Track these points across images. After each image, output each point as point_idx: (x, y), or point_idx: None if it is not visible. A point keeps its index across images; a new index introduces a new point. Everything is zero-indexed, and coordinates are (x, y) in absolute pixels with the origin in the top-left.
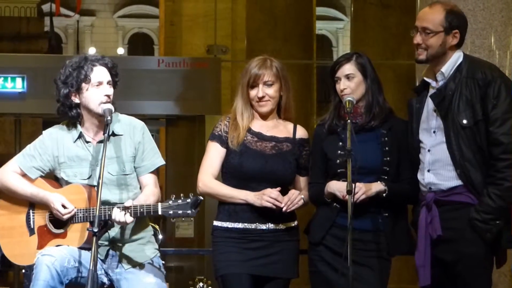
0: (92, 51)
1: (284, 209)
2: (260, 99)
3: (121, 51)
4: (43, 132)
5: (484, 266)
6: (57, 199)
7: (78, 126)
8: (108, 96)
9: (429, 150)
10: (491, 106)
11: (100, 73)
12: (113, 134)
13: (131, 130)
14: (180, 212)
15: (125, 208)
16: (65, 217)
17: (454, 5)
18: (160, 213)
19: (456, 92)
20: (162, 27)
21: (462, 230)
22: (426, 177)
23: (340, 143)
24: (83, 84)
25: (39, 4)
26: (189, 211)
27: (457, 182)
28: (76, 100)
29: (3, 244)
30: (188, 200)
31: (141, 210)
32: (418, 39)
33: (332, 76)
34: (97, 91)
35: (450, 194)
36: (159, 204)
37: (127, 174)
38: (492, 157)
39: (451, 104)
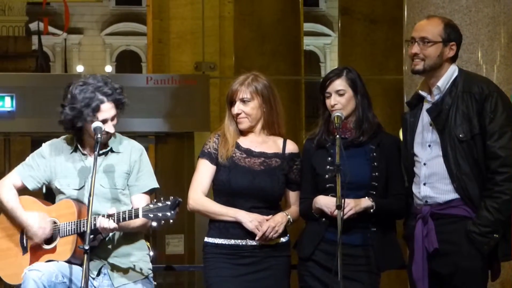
0: (80, 69)
1: (257, 239)
2: (236, 116)
3: (109, 69)
4: (43, 144)
5: (480, 279)
6: (32, 223)
7: (75, 140)
8: (107, 132)
9: (424, 164)
10: (489, 120)
11: (106, 111)
12: (111, 151)
13: (130, 149)
14: (160, 214)
15: (109, 216)
16: (40, 237)
17: (450, 19)
18: (141, 216)
19: (453, 106)
20: (150, 45)
21: (459, 243)
22: (422, 191)
23: (329, 158)
24: (88, 118)
25: (27, 23)
26: (168, 213)
27: (454, 195)
28: (79, 124)
29: None
30: (168, 203)
31: (123, 215)
32: (415, 49)
33: (322, 91)
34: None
35: (446, 207)
36: (140, 208)
37: (118, 189)
38: (490, 170)
39: (447, 118)
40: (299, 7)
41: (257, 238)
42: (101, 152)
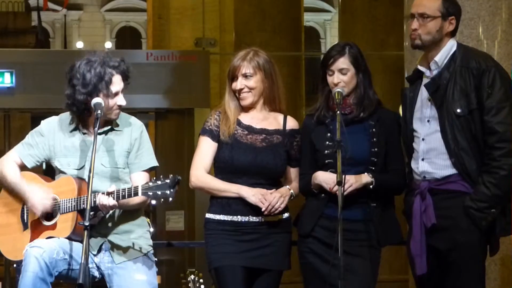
0: (79, 45)
1: (264, 213)
2: (239, 91)
3: (108, 45)
4: (42, 121)
5: (478, 254)
6: (33, 195)
7: (76, 118)
8: (120, 106)
9: (423, 139)
10: (486, 95)
11: (117, 84)
12: (112, 129)
13: (130, 127)
14: (159, 193)
15: (109, 193)
16: (40, 208)
17: None
18: (140, 194)
19: (451, 81)
20: (150, 21)
21: (457, 219)
22: (420, 166)
23: (328, 134)
24: (104, 91)
25: None
26: (167, 191)
27: (452, 170)
28: (90, 103)
29: (0, 241)
30: (167, 181)
31: (123, 193)
32: (415, 24)
33: (324, 68)
34: (111, 101)
35: (444, 182)
36: (139, 186)
37: (119, 168)
38: (488, 145)
39: (445, 93)
40: None
41: (263, 209)
42: (101, 130)
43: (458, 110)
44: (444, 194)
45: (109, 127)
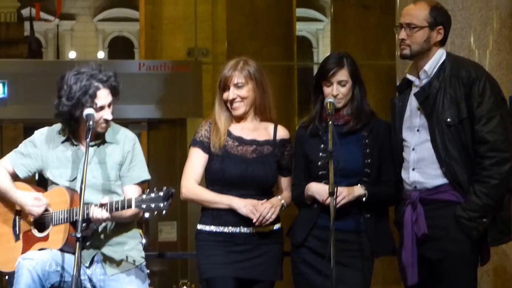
0: (72, 55)
1: (255, 224)
2: (232, 101)
3: (101, 55)
4: (35, 132)
5: (469, 264)
6: (27, 197)
7: (67, 130)
8: (106, 120)
9: (413, 149)
10: (476, 104)
11: (103, 98)
12: (105, 141)
13: (123, 139)
14: (152, 205)
15: (102, 205)
16: (37, 210)
17: (438, 2)
18: (133, 207)
19: (440, 90)
20: (143, 30)
21: (448, 228)
22: (411, 176)
23: (322, 145)
24: (87, 105)
25: (19, 9)
26: (161, 204)
27: (443, 180)
28: (76, 114)
29: None
30: (161, 193)
31: (116, 205)
32: (402, 34)
33: (321, 80)
34: (97, 114)
35: (435, 192)
36: (133, 198)
37: (111, 180)
38: (478, 155)
39: (435, 102)
40: None
41: (254, 220)
42: (93, 142)
43: (448, 119)
44: (435, 204)
45: (102, 139)
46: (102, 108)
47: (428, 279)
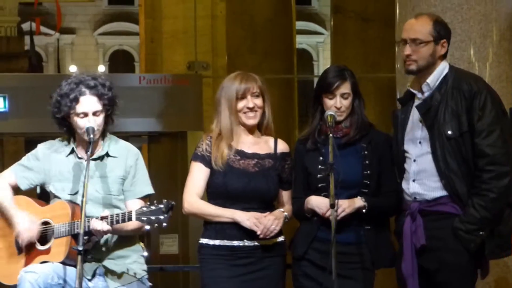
0: (72, 69)
1: (260, 236)
2: (251, 109)
3: (102, 68)
4: (38, 145)
5: (467, 275)
6: (20, 222)
7: (72, 142)
8: (89, 128)
9: (414, 160)
10: (477, 117)
11: (86, 104)
12: (107, 155)
13: (125, 154)
14: (153, 218)
15: (102, 218)
16: (27, 235)
17: (438, 16)
18: (134, 219)
19: (442, 102)
20: (143, 44)
21: (445, 240)
22: (411, 187)
23: (321, 158)
24: (70, 112)
25: (19, 23)
26: (161, 217)
27: (442, 192)
28: (58, 115)
29: None
30: (161, 206)
31: (117, 218)
32: (408, 50)
33: (324, 93)
34: (81, 121)
35: (435, 204)
36: (133, 211)
37: (113, 195)
38: (478, 168)
39: (436, 115)
40: (291, 6)
41: (258, 232)
42: (96, 156)
43: (449, 132)
44: (434, 215)
45: (105, 152)
46: (86, 114)
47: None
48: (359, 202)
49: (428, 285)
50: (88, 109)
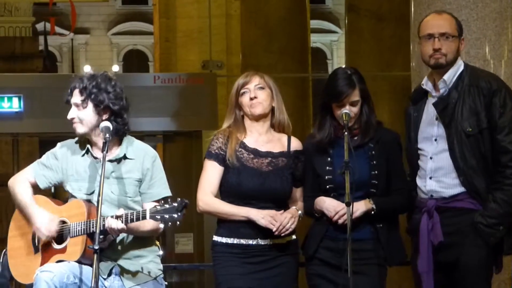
0: (87, 69)
1: (275, 234)
2: (252, 99)
3: (116, 68)
4: (58, 144)
5: (484, 271)
6: (40, 221)
7: (87, 142)
8: (71, 119)
9: (431, 158)
10: (498, 114)
11: (74, 97)
12: (125, 157)
13: (142, 156)
14: (166, 216)
15: (117, 217)
16: (44, 233)
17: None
18: (148, 217)
19: (459, 100)
20: (157, 44)
21: (464, 235)
22: (428, 184)
23: (329, 159)
24: (66, 97)
25: (34, 23)
26: (175, 215)
27: (460, 189)
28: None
29: (12, 264)
30: (175, 204)
31: (131, 216)
32: (437, 44)
33: (332, 101)
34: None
35: (452, 201)
36: (148, 209)
37: (128, 197)
38: (500, 164)
39: (454, 112)
40: (306, 4)
41: (274, 229)
42: (113, 158)
43: (469, 129)
44: (451, 212)
45: (123, 155)
46: (73, 105)
47: (444, 286)
48: (367, 205)
49: (446, 280)
50: (73, 101)
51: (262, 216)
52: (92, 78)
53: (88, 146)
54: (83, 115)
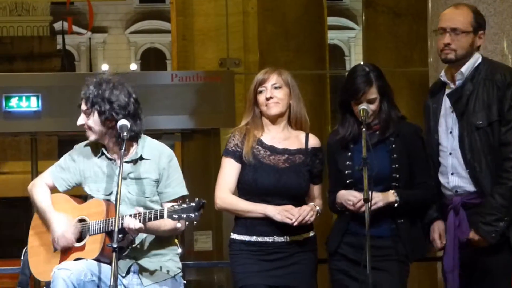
0: (104, 67)
1: (294, 224)
2: (268, 99)
3: (133, 67)
4: (75, 145)
5: (508, 270)
6: (57, 229)
7: (100, 144)
8: (81, 126)
9: (450, 153)
10: (508, 107)
11: (82, 105)
12: (141, 158)
13: (158, 155)
14: (184, 215)
15: (135, 216)
16: (59, 243)
17: (475, 7)
18: (165, 217)
19: (473, 93)
20: (174, 42)
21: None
22: (451, 181)
23: (349, 154)
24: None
25: (51, 22)
26: (192, 215)
27: None
28: None
29: (32, 262)
30: (192, 204)
31: (149, 215)
32: (447, 39)
33: (351, 100)
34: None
35: (477, 196)
36: (165, 208)
37: (146, 197)
38: (502, 157)
39: (467, 104)
40: (323, 1)
41: (292, 221)
42: (130, 159)
43: (479, 122)
44: (477, 208)
45: (139, 156)
46: (83, 112)
47: (470, 283)
48: (392, 196)
49: (468, 278)
50: (82, 108)
51: (277, 212)
52: (97, 86)
53: (102, 148)
54: (90, 123)
